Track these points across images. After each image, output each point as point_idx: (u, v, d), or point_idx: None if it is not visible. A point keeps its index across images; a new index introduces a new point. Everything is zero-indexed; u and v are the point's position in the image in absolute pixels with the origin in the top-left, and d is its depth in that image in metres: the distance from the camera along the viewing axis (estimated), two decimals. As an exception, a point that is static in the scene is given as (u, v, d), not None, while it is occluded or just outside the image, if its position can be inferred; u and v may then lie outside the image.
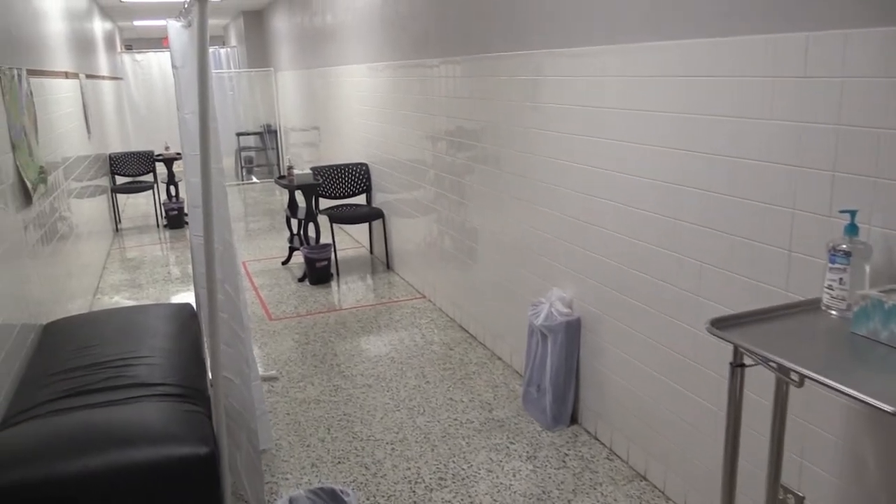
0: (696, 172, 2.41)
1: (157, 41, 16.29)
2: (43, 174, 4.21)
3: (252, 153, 12.19)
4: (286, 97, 10.71)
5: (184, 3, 2.84)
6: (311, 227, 6.24)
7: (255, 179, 11.62)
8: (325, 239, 6.30)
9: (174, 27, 3.01)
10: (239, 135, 11.89)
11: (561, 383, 3.33)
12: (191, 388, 2.78)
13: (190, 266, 6.58)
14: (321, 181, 6.22)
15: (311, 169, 6.37)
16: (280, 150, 11.53)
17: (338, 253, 6.43)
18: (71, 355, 3.14)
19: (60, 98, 5.63)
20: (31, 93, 4.20)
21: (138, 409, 2.53)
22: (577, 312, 3.31)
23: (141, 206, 9.69)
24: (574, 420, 3.42)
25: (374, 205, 6.45)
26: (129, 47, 14.87)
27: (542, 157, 3.47)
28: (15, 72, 3.80)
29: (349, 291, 5.66)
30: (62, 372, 2.95)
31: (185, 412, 2.51)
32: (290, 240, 6.42)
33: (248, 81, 12.08)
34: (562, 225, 3.37)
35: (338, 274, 6.08)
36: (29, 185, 3.77)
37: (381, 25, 5.75)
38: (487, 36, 3.92)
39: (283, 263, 6.51)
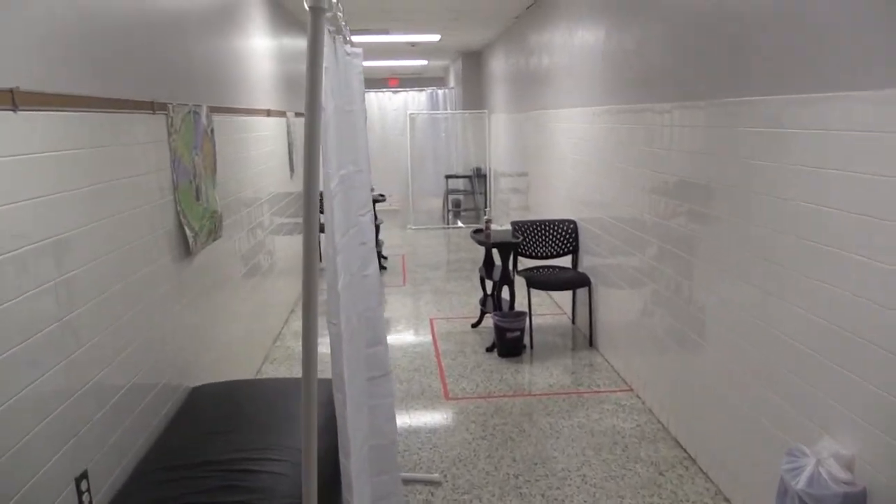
0: None
1: (384, 81, 16.74)
2: (215, 220, 3.86)
3: (460, 196, 11.84)
4: (498, 141, 10.21)
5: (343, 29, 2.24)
6: (506, 288, 5.51)
7: (460, 224, 11.22)
8: (522, 299, 5.52)
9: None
10: (448, 177, 11.59)
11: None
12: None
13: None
14: (521, 238, 5.48)
15: (512, 224, 5.67)
16: (488, 195, 11.04)
17: (534, 319, 5.64)
18: (197, 442, 2.66)
19: (261, 136, 5.44)
20: (213, 130, 3.89)
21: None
22: (861, 481, 2.21)
23: (344, 245, 9.57)
24: None
25: (580, 268, 5.58)
26: (356, 88, 15.39)
27: (801, 238, 2.44)
28: (191, 108, 3.48)
29: (542, 370, 4.83)
30: (179, 468, 2.46)
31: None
32: (483, 301, 5.73)
33: (461, 123, 11.79)
34: (834, 338, 2.31)
35: (531, 346, 5.27)
36: (189, 234, 3.40)
37: (602, 63, 4.93)
38: (742, 74, 2.96)
39: (474, 326, 5.84)
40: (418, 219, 11.25)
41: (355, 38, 9.80)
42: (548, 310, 6.29)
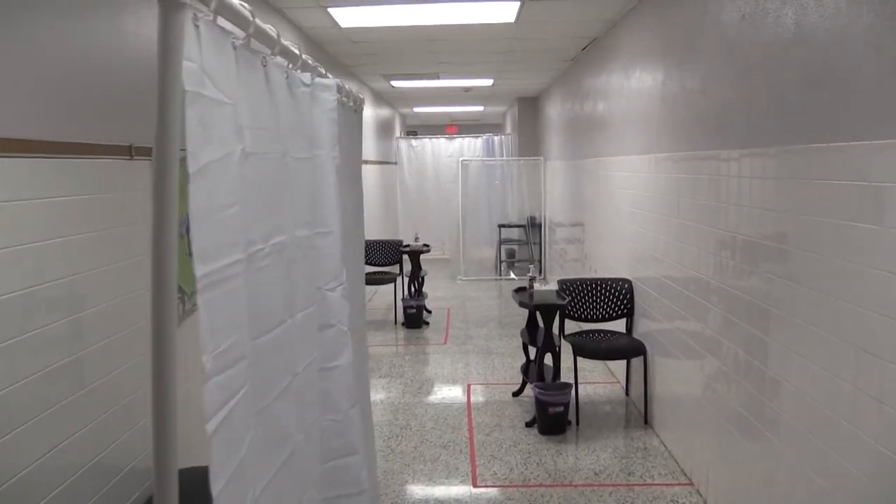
0: None
1: (440, 128, 16.49)
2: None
3: (514, 246, 11.30)
4: (553, 189, 9.68)
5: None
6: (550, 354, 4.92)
7: (513, 276, 10.63)
8: (569, 366, 4.90)
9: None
10: (501, 226, 11.08)
11: None
12: None
13: (401, 382, 5.62)
14: (569, 299, 4.91)
15: (559, 283, 5.10)
16: (543, 246, 10.47)
17: (582, 388, 5.02)
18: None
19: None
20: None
21: None
22: None
23: (387, 298, 9.11)
24: None
25: (635, 334, 4.96)
26: (412, 133, 15.13)
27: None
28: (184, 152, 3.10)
29: (587, 453, 4.20)
30: None
31: None
32: (525, 368, 5.14)
33: (516, 170, 11.32)
34: None
35: (577, 421, 4.65)
36: (177, 296, 2.98)
37: (661, 105, 4.39)
38: (825, 115, 2.38)
39: (514, 395, 5.25)
40: (469, 269, 10.74)
41: (403, 84, 9.52)
42: (599, 377, 5.65)
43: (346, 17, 5.22)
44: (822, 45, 2.42)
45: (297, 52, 1.65)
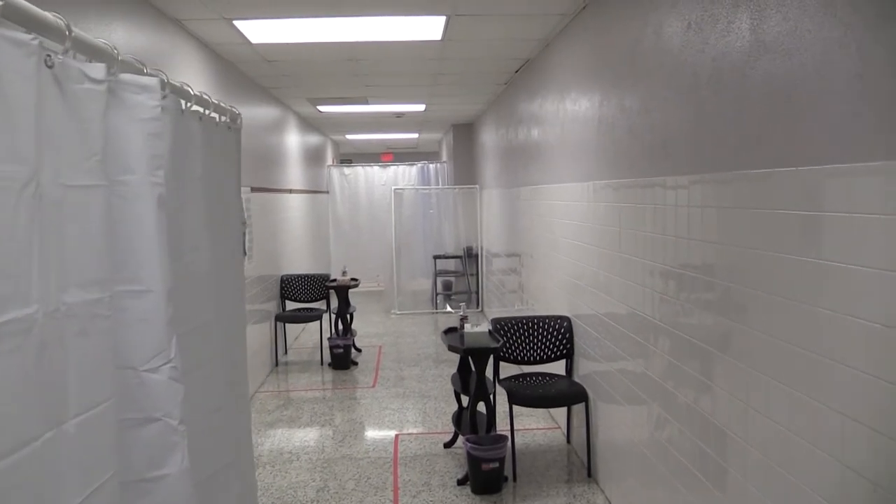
0: None
1: (376, 156, 16.05)
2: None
3: (451, 278, 10.85)
4: (490, 218, 9.30)
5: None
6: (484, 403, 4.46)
7: (449, 309, 10.15)
8: (504, 410, 4.43)
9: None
10: (436, 257, 10.64)
11: None
12: None
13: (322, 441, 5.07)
14: (503, 340, 4.47)
15: (492, 322, 4.66)
16: (480, 278, 10.06)
17: (518, 438, 4.58)
18: None
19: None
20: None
21: None
22: None
23: (315, 337, 8.54)
24: None
25: (575, 377, 4.55)
26: (346, 161, 14.64)
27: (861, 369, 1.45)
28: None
29: (526, 517, 3.74)
30: None
31: None
32: (457, 417, 4.66)
33: (451, 199, 10.92)
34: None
35: (514, 477, 4.19)
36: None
37: (598, 128, 4.04)
38: (782, 137, 2.02)
39: (446, 446, 4.76)
40: (404, 303, 10.25)
41: (331, 109, 9.01)
42: (538, 422, 5.21)
43: (256, 32, 4.74)
44: (783, 55, 2.07)
45: (64, 26, 1.15)
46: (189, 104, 1.77)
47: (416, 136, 13.22)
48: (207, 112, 1.93)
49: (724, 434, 2.46)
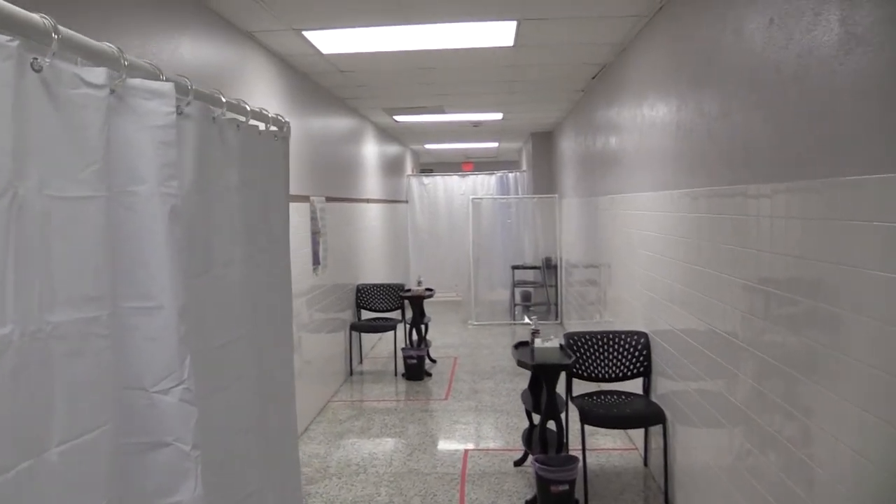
0: None
1: (456, 166, 16.01)
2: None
3: (530, 289, 10.64)
4: (569, 228, 9.08)
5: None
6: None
7: (527, 320, 9.93)
8: (577, 429, 4.24)
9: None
10: (514, 267, 10.46)
11: None
12: None
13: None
14: (575, 357, 4.29)
15: (565, 337, 4.49)
16: (559, 289, 9.82)
17: (591, 458, 4.38)
18: None
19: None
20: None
21: None
22: None
23: (390, 346, 8.52)
24: None
25: (653, 396, 4.31)
26: (427, 171, 14.67)
27: None
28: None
29: (596, 544, 3.54)
30: None
31: None
32: (527, 436, 4.50)
33: (530, 209, 10.74)
34: None
35: (586, 500, 3.99)
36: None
37: (676, 134, 3.82)
38: (880, 139, 1.80)
39: (517, 464, 4.61)
40: (481, 313, 10.12)
41: (407, 119, 8.97)
42: (614, 442, 4.98)
43: (326, 43, 4.74)
44: (878, 47, 1.85)
45: (49, 27, 1.08)
46: (222, 112, 1.71)
47: (495, 145, 13.11)
48: (246, 120, 1.87)
49: (810, 469, 2.23)
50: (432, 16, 4.22)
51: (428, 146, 12.99)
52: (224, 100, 1.72)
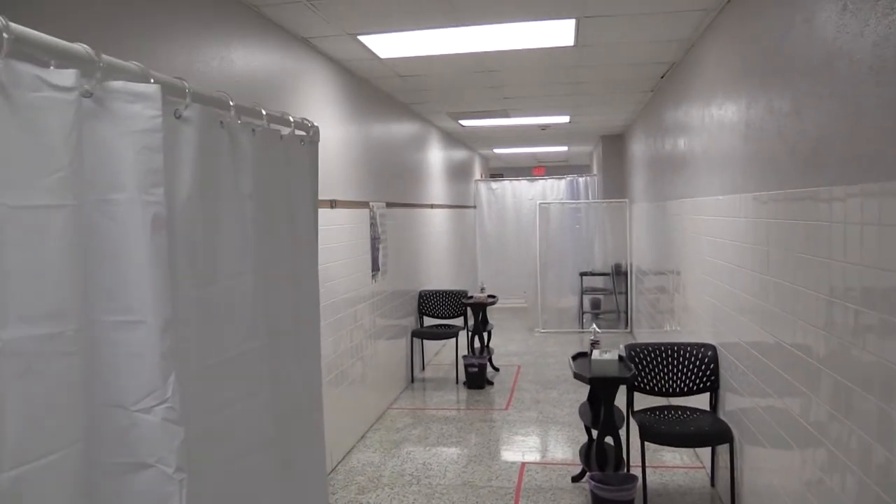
0: None
1: (527, 170, 15.80)
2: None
3: (600, 296, 10.36)
4: (639, 233, 8.78)
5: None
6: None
7: (596, 328, 9.64)
8: (638, 446, 4.03)
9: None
10: (582, 274, 10.20)
11: None
12: None
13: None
14: (634, 370, 4.08)
15: (626, 348, 4.28)
16: (630, 296, 9.51)
17: (654, 476, 4.16)
18: None
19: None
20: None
21: None
22: None
23: (453, 354, 8.41)
24: None
25: (721, 413, 4.06)
26: (498, 175, 14.53)
27: None
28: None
29: (655, 570, 3.33)
30: None
31: None
32: (585, 452, 4.31)
33: (599, 214, 10.46)
34: None
35: (647, 522, 3.78)
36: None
37: (745, 133, 3.58)
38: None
39: (574, 479, 4.42)
40: (549, 321, 9.91)
41: (472, 123, 8.84)
42: (680, 459, 4.73)
43: (383, 47, 4.69)
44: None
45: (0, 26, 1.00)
46: (237, 115, 1.64)
47: (565, 149, 12.87)
48: (267, 125, 1.80)
49: (886, 504, 2.00)
50: (486, 16, 4.10)
51: (497, 150, 12.86)
52: (232, 103, 1.65)
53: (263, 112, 1.80)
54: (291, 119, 1.97)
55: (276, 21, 4.04)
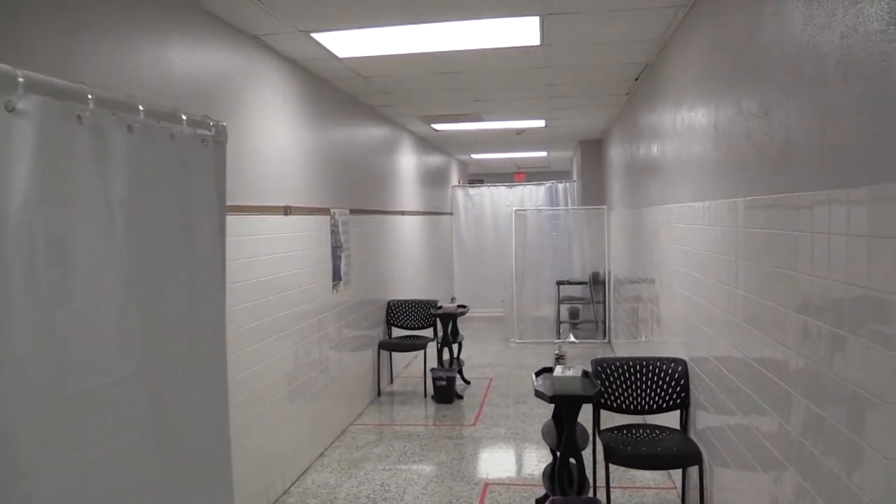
0: None
1: (508, 176, 15.60)
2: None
3: (578, 306, 10.14)
4: (616, 241, 8.58)
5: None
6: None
7: (573, 339, 9.45)
8: (601, 467, 3.80)
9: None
10: (560, 283, 9.98)
11: None
12: None
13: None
14: (606, 385, 3.85)
15: (592, 363, 4.06)
16: (608, 306, 9.30)
17: (623, 498, 3.93)
18: None
19: (265, 238, 4.26)
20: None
21: None
22: None
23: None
24: None
25: (691, 432, 3.84)
26: (478, 181, 14.31)
27: None
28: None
29: None
30: None
31: None
32: (548, 474, 4.07)
33: (576, 221, 10.26)
34: None
35: (612, 549, 3.55)
36: None
37: (714, 136, 3.37)
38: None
39: (539, 502, 4.18)
40: (525, 331, 9.69)
41: (445, 127, 8.63)
42: (651, 479, 4.50)
43: (340, 46, 4.45)
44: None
45: None
46: (110, 111, 1.40)
47: (544, 154, 12.68)
48: (158, 122, 1.56)
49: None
50: (445, 13, 3.88)
51: (474, 156, 12.64)
52: (90, 96, 1.41)
53: (141, 107, 1.56)
54: (184, 116, 1.73)
55: (222, 17, 3.80)
